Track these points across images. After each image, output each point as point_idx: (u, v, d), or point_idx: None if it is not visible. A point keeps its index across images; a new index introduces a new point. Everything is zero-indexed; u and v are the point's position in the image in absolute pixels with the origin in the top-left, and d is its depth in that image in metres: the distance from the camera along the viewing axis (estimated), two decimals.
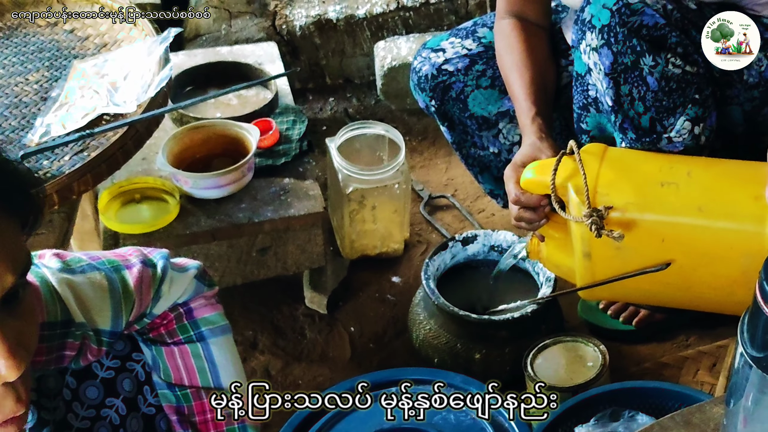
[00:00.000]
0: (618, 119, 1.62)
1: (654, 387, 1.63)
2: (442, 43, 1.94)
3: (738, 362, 1.21)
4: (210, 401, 1.32)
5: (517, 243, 1.95)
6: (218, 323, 1.35)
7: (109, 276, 1.22)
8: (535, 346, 1.77)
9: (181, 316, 1.32)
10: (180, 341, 1.32)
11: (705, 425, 1.36)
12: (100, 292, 1.20)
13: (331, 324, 2.08)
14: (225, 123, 2.09)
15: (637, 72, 1.56)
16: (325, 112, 2.64)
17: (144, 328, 1.31)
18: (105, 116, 1.74)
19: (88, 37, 1.96)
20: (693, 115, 1.59)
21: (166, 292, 1.28)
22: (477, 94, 1.89)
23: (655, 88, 1.56)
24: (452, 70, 1.89)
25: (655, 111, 1.59)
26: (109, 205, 1.96)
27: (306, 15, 2.63)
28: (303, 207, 1.99)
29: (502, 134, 1.93)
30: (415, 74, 1.94)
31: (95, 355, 1.23)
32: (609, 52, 1.56)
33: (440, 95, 1.91)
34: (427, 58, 1.92)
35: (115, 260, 1.25)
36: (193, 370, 1.32)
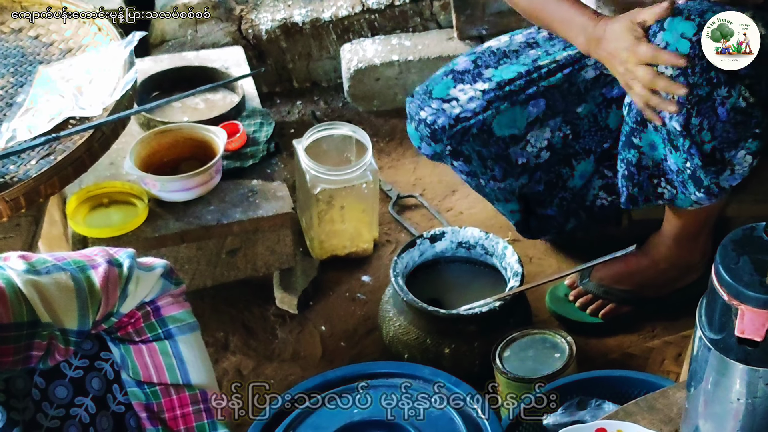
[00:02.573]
0: (686, 143, 1.64)
1: (620, 376, 1.65)
2: (451, 91, 1.89)
3: (697, 346, 1.24)
4: (211, 401, 1.33)
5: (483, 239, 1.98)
6: (186, 321, 1.37)
7: (75, 276, 1.23)
8: (503, 339, 1.79)
9: (149, 314, 1.34)
10: (148, 339, 1.33)
11: (668, 410, 1.39)
12: (66, 292, 1.21)
13: (302, 323, 2.09)
14: (192, 126, 2.10)
15: (710, 103, 1.59)
16: (293, 116, 2.66)
17: (112, 327, 1.32)
18: (71, 120, 1.75)
19: (53, 42, 1.96)
20: (754, 149, 1.64)
21: (132, 290, 1.29)
22: (500, 118, 1.87)
23: (725, 119, 1.60)
24: (470, 115, 1.87)
25: (719, 141, 1.62)
26: (78, 210, 1.97)
27: (272, 19, 2.65)
28: (271, 208, 2.00)
29: (529, 144, 1.92)
30: (426, 127, 1.88)
31: (63, 354, 1.24)
32: (685, 82, 1.58)
33: (459, 139, 1.88)
34: (440, 111, 1.87)
35: (81, 260, 1.26)
36: (162, 368, 1.33)
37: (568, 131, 1.93)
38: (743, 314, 1.12)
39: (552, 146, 1.94)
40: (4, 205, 1.51)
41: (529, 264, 2.14)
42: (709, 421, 1.26)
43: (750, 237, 1.18)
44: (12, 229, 1.63)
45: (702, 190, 1.69)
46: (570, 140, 1.94)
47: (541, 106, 1.89)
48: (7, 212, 1.52)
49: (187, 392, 1.33)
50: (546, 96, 1.88)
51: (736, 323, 1.14)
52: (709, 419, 1.26)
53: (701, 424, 1.27)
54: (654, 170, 1.75)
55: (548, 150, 1.94)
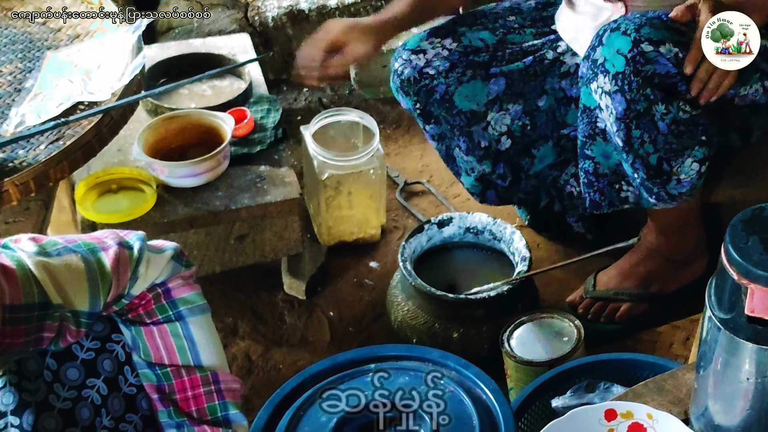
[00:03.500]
0: (629, 158, 1.65)
1: (628, 359, 1.66)
2: (421, 43, 1.92)
3: (707, 327, 1.24)
4: (222, 382, 1.34)
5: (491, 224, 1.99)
6: (196, 302, 1.37)
7: (86, 258, 1.23)
8: (511, 323, 1.80)
9: (159, 296, 1.34)
10: (159, 321, 1.34)
11: (678, 391, 1.40)
12: (77, 273, 1.21)
13: (310, 309, 2.09)
14: (200, 112, 2.10)
15: (649, 118, 1.60)
16: (300, 102, 2.66)
17: (123, 309, 1.32)
18: (80, 105, 1.75)
19: (61, 28, 1.97)
20: (701, 156, 1.64)
21: (143, 272, 1.29)
22: (462, 89, 1.89)
23: (666, 132, 1.61)
24: (433, 73, 1.89)
25: (664, 152, 1.63)
26: (86, 196, 1.97)
27: (278, 6, 2.64)
28: (279, 193, 2.01)
29: (490, 125, 1.93)
30: (397, 77, 1.92)
31: (74, 336, 1.24)
32: (622, 99, 1.59)
33: (424, 98, 1.90)
34: (407, 61, 1.91)
35: (92, 243, 1.27)
36: (173, 349, 1.34)
37: (527, 121, 1.94)
38: (753, 293, 1.13)
39: (512, 133, 1.94)
40: (14, 189, 1.52)
41: (537, 250, 2.15)
42: (719, 401, 1.26)
43: (759, 217, 1.18)
44: (22, 213, 1.64)
45: (654, 197, 1.70)
46: (528, 130, 1.95)
47: (501, 86, 1.91)
48: (16, 196, 1.52)
49: (198, 373, 1.34)
50: (506, 76, 1.91)
51: (746, 302, 1.14)
52: (719, 399, 1.26)
53: (710, 405, 1.27)
54: (612, 177, 1.76)
55: (508, 137, 1.94)
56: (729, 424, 1.26)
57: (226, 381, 1.36)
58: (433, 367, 1.52)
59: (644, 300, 1.94)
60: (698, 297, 1.90)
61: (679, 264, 1.94)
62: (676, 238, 1.90)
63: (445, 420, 1.42)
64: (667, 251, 1.92)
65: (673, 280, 1.95)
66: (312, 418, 1.44)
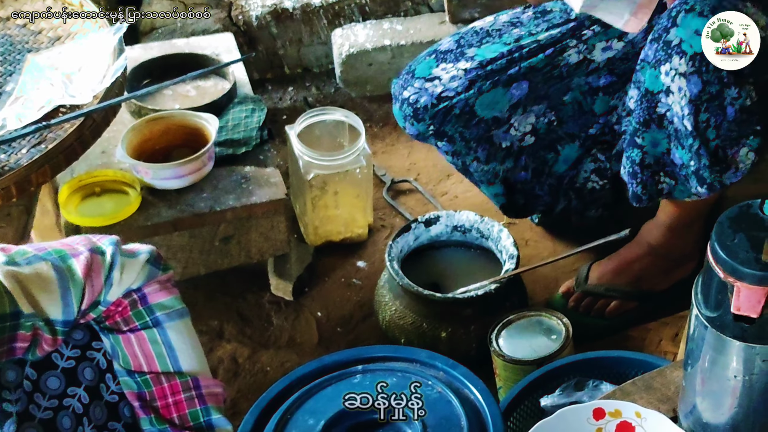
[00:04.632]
0: (695, 144, 1.64)
1: (617, 356, 1.65)
2: (433, 71, 1.88)
3: (694, 325, 1.24)
4: (203, 387, 1.33)
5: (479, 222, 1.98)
6: (174, 307, 1.35)
7: (56, 265, 1.22)
8: (499, 322, 1.79)
9: (136, 302, 1.32)
10: (136, 328, 1.32)
11: (666, 389, 1.39)
12: (48, 282, 1.20)
13: (298, 310, 2.08)
14: (184, 113, 2.08)
15: (719, 102, 1.59)
16: (285, 102, 2.64)
17: (100, 316, 1.31)
18: (61, 108, 1.73)
19: (41, 30, 1.95)
20: (755, 146, 1.64)
21: (117, 278, 1.28)
22: (482, 99, 1.86)
23: (731, 118, 1.60)
24: (452, 95, 1.86)
25: (722, 140, 1.62)
26: (70, 199, 1.96)
27: (262, 5, 2.63)
28: (265, 194, 1.99)
29: (513, 127, 1.91)
30: (410, 106, 1.88)
31: (51, 345, 1.23)
32: (699, 80, 1.58)
33: (441, 119, 1.87)
34: (423, 90, 1.87)
35: (62, 249, 1.25)
36: (151, 356, 1.32)
37: (553, 117, 1.92)
38: (739, 291, 1.12)
39: (536, 131, 1.93)
40: None
41: (525, 247, 2.14)
42: (707, 399, 1.26)
43: (746, 214, 1.17)
44: (3, 218, 1.62)
45: (705, 186, 1.69)
46: (554, 126, 1.93)
47: (524, 89, 1.88)
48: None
49: (179, 380, 1.32)
50: (528, 78, 1.87)
51: (732, 300, 1.13)
52: (707, 397, 1.26)
53: (699, 402, 1.27)
54: (655, 166, 1.74)
55: (532, 135, 1.93)
56: (717, 421, 1.25)
57: (208, 385, 1.34)
58: (421, 368, 1.51)
59: (636, 298, 1.94)
60: (688, 294, 1.92)
61: (675, 262, 1.94)
62: (682, 235, 1.90)
63: (433, 421, 1.41)
64: (669, 249, 1.91)
65: (665, 278, 1.95)
66: (299, 420, 1.43)
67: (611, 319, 1.94)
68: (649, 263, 1.95)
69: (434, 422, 1.41)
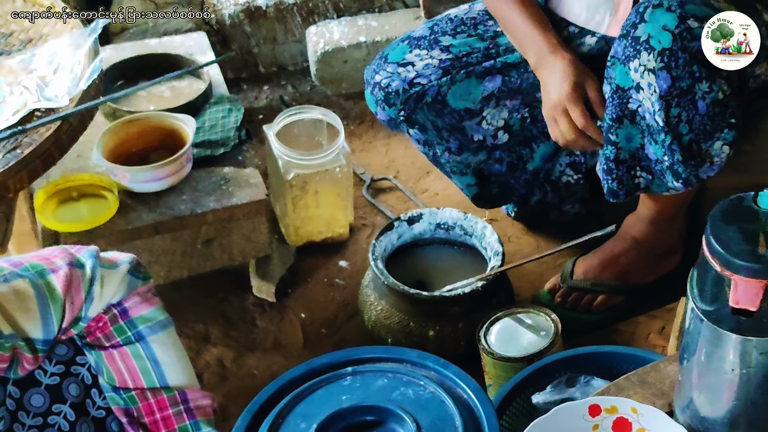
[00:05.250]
0: (667, 139, 1.63)
1: (608, 351, 1.65)
2: (407, 56, 1.88)
3: (689, 318, 1.23)
4: (192, 401, 1.29)
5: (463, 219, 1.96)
6: (156, 319, 1.31)
7: (34, 282, 1.17)
8: (487, 319, 1.78)
9: (116, 317, 1.28)
10: (118, 344, 1.28)
11: (660, 383, 1.38)
12: (26, 300, 1.16)
13: (282, 312, 2.06)
14: (160, 115, 2.05)
15: (690, 96, 1.58)
16: (261, 101, 2.61)
17: (81, 332, 1.27)
18: (36, 112, 1.69)
19: (12, 33, 1.90)
20: (730, 139, 1.63)
21: (98, 292, 1.23)
22: (455, 89, 1.85)
23: (704, 112, 1.59)
24: (425, 82, 1.85)
25: (696, 134, 1.62)
26: (46, 205, 1.92)
27: (234, 3, 2.60)
28: (245, 195, 1.97)
29: (485, 120, 1.90)
30: (381, 90, 1.87)
31: (32, 363, 1.19)
32: (668, 76, 1.57)
33: (413, 106, 1.86)
34: (395, 74, 1.86)
35: (40, 264, 1.20)
36: (136, 372, 1.28)
37: (527, 114, 1.91)
38: (737, 284, 1.11)
39: (509, 127, 1.92)
40: None
41: (508, 243, 2.13)
42: (704, 393, 1.25)
43: (739, 207, 1.17)
44: None
45: (680, 181, 1.68)
46: (528, 123, 1.92)
47: (497, 83, 1.87)
48: None
49: (165, 395, 1.29)
50: (502, 73, 1.87)
51: (729, 294, 1.13)
52: (704, 391, 1.25)
53: (695, 396, 1.26)
54: (630, 162, 1.74)
55: (506, 131, 1.92)
56: (715, 415, 1.25)
57: (195, 398, 1.31)
58: (412, 368, 1.50)
59: (622, 292, 1.93)
60: (674, 287, 1.92)
61: (660, 255, 1.94)
62: (665, 228, 1.90)
63: (426, 422, 1.39)
64: (653, 242, 1.91)
65: (651, 271, 1.95)
66: (291, 425, 1.40)
67: (598, 314, 1.93)
68: (634, 257, 1.94)
69: (428, 423, 1.39)
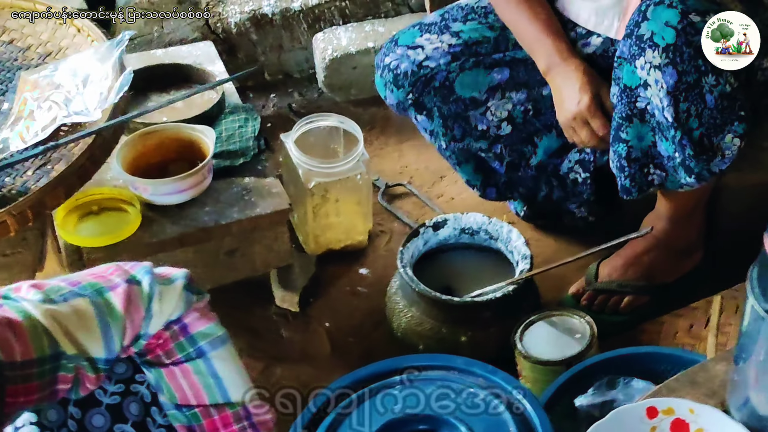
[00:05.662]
0: (677, 135, 1.64)
1: (646, 352, 1.66)
2: (417, 39, 1.90)
3: (748, 317, 1.23)
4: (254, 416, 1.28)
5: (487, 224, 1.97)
6: (215, 334, 1.29)
7: (94, 300, 1.15)
8: (522, 323, 1.78)
9: (176, 333, 1.26)
10: (179, 360, 1.26)
11: (711, 383, 1.39)
12: (87, 319, 1.14)
13: (306, 321, 2.05)
14: (177, 126, 2.03)
15: (698, 90, 1.59)
16: (268, 109, 2.60)
17: (141, 350, 1.25)
18: (62, 127, 1.67)
19: (30, 47, 1.88)
20: (740, 132, 1.64)
21: (157, 310, 1.22)
22: (463, 77, 1.88)
23: (712, 105, 1.60)
24: (434, 65, 1.87)
25: (707, 128, 1.63)
26: (67, 220, 1.88)
27: (240, 11, 2.58)
28: (268, 205, 1.95)
29: (490, 111, 1.92)
30: (390, 72, 1.89)
31: (94, 383, 1.17)
32: (674, 71, 1.58)
33: (420, 89, 1.88)
34: (404, 56, 1.88)
35: (97, 282, 1.18)
36: (198, 389, 1.26)
37: (530, 107, 1.93)
38: None
39: (513, 119, 1.94)
40: (12, 220, 1.44)
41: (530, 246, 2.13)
42: (762, 393, 1.26)
43: None
44: (19, 243, 1.56)
45: (693, 176, 1.70)
46: (531, 116, 1.94)
47: (505, 75, 1.90)
48: (14, 226, 1.44)
49: (229, 410, 1.27)
50: (511, 66, 1.90)
51: None
52: (762, 391, 1.26)
53: (753, 396, 1.27)
54: (643, 159, 1.75)
55: (509, 123, 1.94)
56: None
57: (258, 413, 1.29)
58: (460, 375, 1.50)
59: (648, 291, 1.94)
60: (698, 285, 1.94)
61: (682, 253, 1.95)
62: (684, 225, 1.91)
63: (480, 429, 1.40)
64: (673, 240, 1.92)
65: (674, 269, 1.96)
66: None
67: (625, 315, 1.94)
68: (656, 256, 1.96)
69: (482, 429, 1.39)
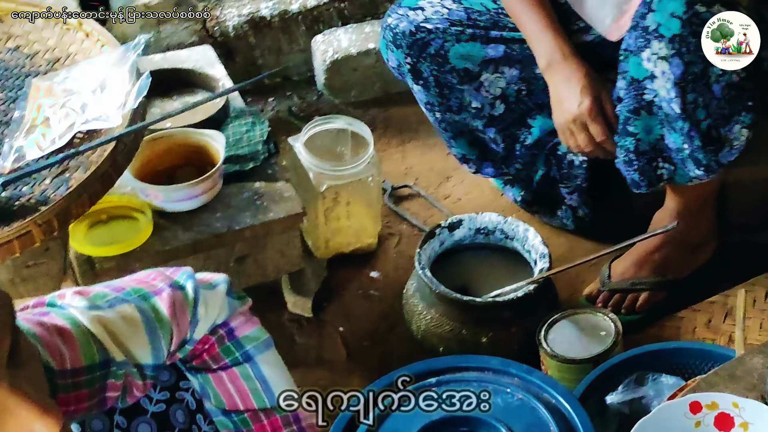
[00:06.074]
0: (685, 126, 1.64)
1: (674, 348, 1.66)
2: (420, 2, 1.92)
3: None
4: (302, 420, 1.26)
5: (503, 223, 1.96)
6: (261, 338, 1.29)
7: (140, 306, 1.14)
8: (545, 322, 1.78)
9: (223, 338, 1.25)
10: (226, 365, 1.25)
11: (749, 377, 1.39)
12: (134, 325, 1.12)
13: (320, 326, 2.03)
14: (186, 131, 2.00)
15: (704, 81, 1.59)
16: (267, 113, 2.57)
17: (186, 356, 1.23)
18: (77, 134, 1.63)
19: (37, 53, 1.83)
20: (748, 122, 1.64)
21: (203, 314, 1.20)
22: (458, 48, 1.90)
23: (719, 95, 1.61)
24: (431, 28, 1.89)
25: (714, 119, 1.63)
26: (76, 229, 1.84)
27: (238, 14, 2.55)
28: (281, 210, 1.93)
29: (483, 87, 1.93)
30: (390, 31, 1.92)
31: (142, 391, 1.15)
32: (680, 62, 1.59)
33: (417, 53, 1.90)
34: (404, 16, 1.92)
35: (141, 288, 1.17)
36: (246, 393, 1.25)
37: (523, 87, 1.95)
38: None
39: (506, 98, 1.95)
40: (37, 230, 1.40)
41: None
42: None
43: None
44: (42, 254, 1.52)
45: (702, 168, 1.70)
46: (523, 95, 1.95)
47: (500, 51, 1.92)
48: (39, 236, 1.40)
49: (278, 414, 1.26)
50: (507, 44, 1.91)
51: None
52: None
53: None
54: (652, 153, 1.76)
55: (502, 101, 1.95)
56: None
57: (306, 417, 1.28)
58: (495, 376, 1.49)
59: (663, 287, 1.95)
60: (712, 279, 1.95)
61: (694, 247, 1.96)
62: (695, 220, 1.92)
63: (520, 429, 1.39)
64: (685, 235, 1.93)
65: (687, 264, 1.97)
66: None
67: (642, 313, 1.94)
68: (668, 251, 1.96)
69: (523, 430, 1.38)
